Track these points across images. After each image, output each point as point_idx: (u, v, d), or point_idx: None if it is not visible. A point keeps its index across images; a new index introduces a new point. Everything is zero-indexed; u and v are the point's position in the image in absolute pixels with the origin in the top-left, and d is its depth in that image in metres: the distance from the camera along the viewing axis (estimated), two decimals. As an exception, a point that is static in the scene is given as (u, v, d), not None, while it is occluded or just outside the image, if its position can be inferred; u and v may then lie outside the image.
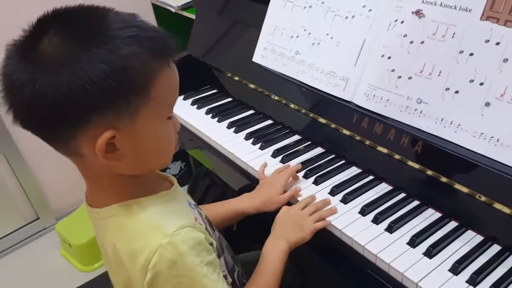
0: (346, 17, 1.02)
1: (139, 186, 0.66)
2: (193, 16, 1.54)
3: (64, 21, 0.56)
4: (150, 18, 1.81)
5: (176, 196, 0.72)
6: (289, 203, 0.94)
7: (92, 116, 0.55)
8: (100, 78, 0.52)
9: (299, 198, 0.94)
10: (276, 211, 0.92)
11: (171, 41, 0.60)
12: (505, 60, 0.76)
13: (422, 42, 0.87)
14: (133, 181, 0.65)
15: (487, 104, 0.78)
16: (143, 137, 0.60)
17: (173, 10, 1.64)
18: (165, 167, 0.70)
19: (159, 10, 1.77)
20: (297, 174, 1.01)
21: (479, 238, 0.81)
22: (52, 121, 0.56)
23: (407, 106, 0.89)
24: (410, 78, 0.89)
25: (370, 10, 0.97)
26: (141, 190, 0.66)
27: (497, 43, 0.77)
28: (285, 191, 0.95)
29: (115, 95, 0.55)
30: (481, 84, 0.79)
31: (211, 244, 0.69)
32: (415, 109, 0.88)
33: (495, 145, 0.76)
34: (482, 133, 0.78)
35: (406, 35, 0.90)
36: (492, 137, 0.77)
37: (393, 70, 0.92)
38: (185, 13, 1.61)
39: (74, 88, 0.52)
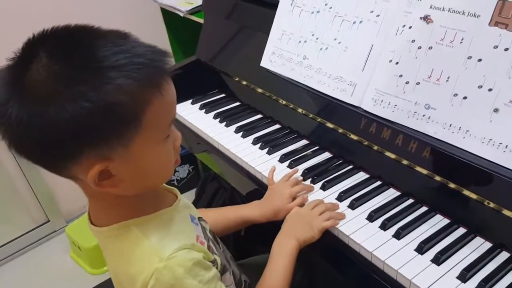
0: (354, 22, 1.02)
1: (141, 204, 0.65)
2: (201, 21, 1.54)
3: (50, 51, 0.53)
4: (159, 22, 1.82)
5: (178, 212, 0.71)
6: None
7: (82, 149, 0.54)
8: (83, 116, 0.51)
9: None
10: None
11: (164, 62, 0.58)
12: (514, 66, 0.75)
13: (430, 48, 0.87)
14: (135, 200, 0.64)
15: (496, 110, 0.77)
16: (140, 161, 0.59)
17: (181, 14, 1.65)
18: (166, 181, 0.70)
19: (168, 15, 1.78)
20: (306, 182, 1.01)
21: (488, 245, 0.80)
22: (42, 155, 0.55)
23: (415, 112, 0.89)
24: (418, 83, 0.89)
25: (378, 15, 0.97)
26: (143, 208, 0.65)
27: (506, 49, 0.76)
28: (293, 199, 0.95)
29: (103, 131, 0.53)
30: (490, 90, 0.78)
31: (213, 261, 0.69)
32: (423, 115, 0.88)
33: (504, 151, 0.76)
34: (490, 139, 0.78)
35: (414, 40, 0.90)
36: (500, 143, 0.76)
37: (401, 76, 0.92)
38: (193, 18, 1.62)
39: (61, 126, 0.51)
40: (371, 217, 0.88)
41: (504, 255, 0.78)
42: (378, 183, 0.99)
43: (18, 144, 0.55)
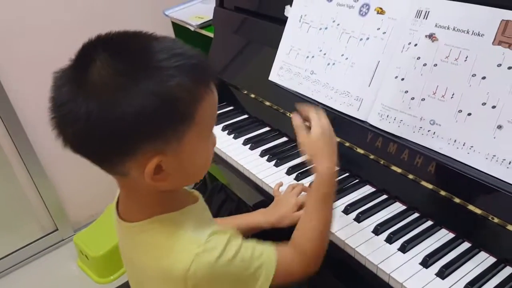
0: (361, 39, 1.04)
1: (172, 201, 0.69)
2: (211, 35, 1.57)
3: (110, 50, 0.57)
4: (170, 36, 1.86)
5: (203, 207, 0.76)
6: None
7: (141, 144, 0.58)
8: (151, 109, 0.55)
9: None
10: (290, 226, 0.93)
11: (211, 65, 0.64)
12: (517, 84, 0.77)
13: (435, 65, 0.89)
14: (168, 197, 0.68)
15: (499, 127, 0.79)
16: (188, 158, 0.63)
17: (192, 28, 1.68)
18: (195, 182, 0.74)
19: (178, 29, 1.81)
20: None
21: (492, 260, 0.81)
22: (103, 151, 0.59)
23: (421, 127, 0.91)
24: (423, 99, 0.91)
25: (384, 32, 0.99)
26: (174, 205, 0.69)
27: (509, 67, 0.78)
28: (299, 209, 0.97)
29: (164, 125, 0.58)
30: (493, 107, 0.80)
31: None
32: (428, 130, 0.90)
33: (507, 167, 0.77)
34: (494, 155, 0.79)
35: (419, 57, 0.92)
36: (504, 159, 0.78)
37: (406, 92, 0.93)
38: (203, 32, 1.65)
39: (127, 120, 0.55)
40: (377, 231, 0.90)
41: (508, 270, 0.79)
42: (384, 196, 1.00)
43: (79, 141, 0.58)
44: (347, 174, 1.08)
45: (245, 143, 1.26)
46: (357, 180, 1.06)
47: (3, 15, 1.66)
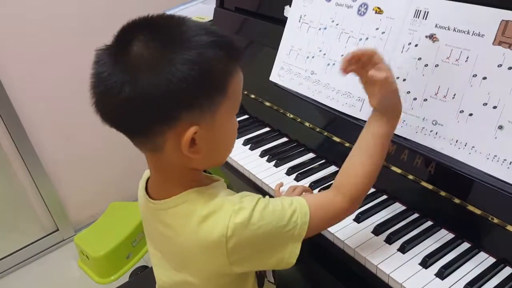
0: (360, 39, 1.04)
1: (199, 179, 0.73)
2: (211, 35, 1.57)
3: (150, 27, 0.62)
4: (170, 36, 1.86)
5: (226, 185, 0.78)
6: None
7: (182, 113, 0.61)
8: (193, 77, 0.59)
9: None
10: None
11: (240, 46, 0.67)
12: (518, 84, 0.77)
13: (437, 66, 0.89)
14: (196, 175, 0.72)
15: (500, 127, 0.79)
16: (218, 133, 0.67)
17: (192, 29, 1.68)
18: (221, 164, 0.76)
19: (179, 29, 1.81)
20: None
21: (491, 260, 0.81)
22: (147, 119, 0.62)
23: (423, 127, 0.91)
24: (425, 100, 0.91)
25: (383, 32, 0.99)
26: (203, 181, 0.73)
27: (510, 68, 0.78)
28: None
29: (202, 94, 0.62)
30: (494, 107, 0.80)
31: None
32: (431, 131, 0.89)
33: (508, 167, 0.77)
34: (495, 156, 0.79)
35: (420, 58, 0.91)
36: (505, 159, 0.78)
37: (408, 92, 0.93)
38: (204, 32, 1.65)
39: (172, 87, 0.59)
40: (376, 231, 0.90)
41: (507, 271, 0.79)
42: (384, 197, 1.00)
43: (123, 111, 0.61)
44: (347, 174, 1.08)
45: (245, 143, 1.26)
46: (357, 181, 1.05)
47: (4, 15, 1.66)
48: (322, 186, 1.04)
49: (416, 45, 0.93)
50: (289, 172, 1.11)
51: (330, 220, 0.77)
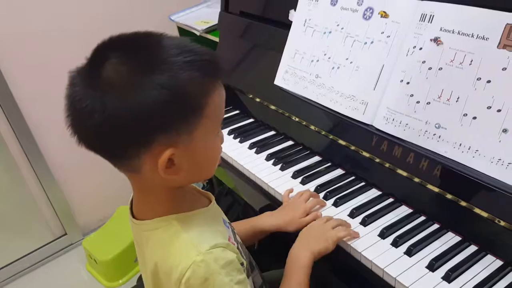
0: (365, 43, 1.04)
1: (183, 201, 0.72)
2: (217, 39, 1.58)
3: (124, 48, 0.61)
4: (175, 40, 1.87)
5: (214, 212, 0.77)
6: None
7: (155, 136, 0.60)
8: (164, 102, 0.58)
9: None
10: (296, 231, 0.94)
11: (220, 61, 0.65)
12: (523, 87, 0.77)
13: (440, 69, 0.89)
14: (179, 197, 0.71)
15: (505, 130, 0.79)
16: (198, 151, 0.65)
17: (197, 33, 1.69)
18: (208, 178, 0.75)
19: (184, 34, 1.82)
20: (320, 198, 1.03)
21: (499, 263, 0.81)
22: (120, 143, 0.61)
23: (426, 131, 0.91)
24: (428, 103, 0.91)
25: (389, 36, 0.99)
26: (184, 205, 0.71)
27: (515, 71, 0.78)
28: (306, 214, 0.97)
29: (176, 116, 0.60)
30: (499, 110, 0.80)
31: (242, 264, 0.72)
32: (434, 134, 0.90)
33: (513, 171, 0.77)
34: (499, 159, 0.79)
35: (424, 61, 0.92)
36: (509, 163, 0.78)
37: (411, 95, 0.94)
38: (209, 36, 1.66)
39: (143, 112, 0.58)
40: (383, 234, 0.90)
41: (515, 273, 0.79)
42: (390, 200, 1.00)
43: (95, 137, 0.61)
44: (352, 177, 1.08)
45: (250, 147, 1.26)
46: (363, 184, 1.06)
47: (11, 19, 1.68)
48: (328, 189, 1.05)
49: (420, 49, 0.93)
50: (295, 176, 1.12)
51: None
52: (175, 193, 0.70)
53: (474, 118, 0.83)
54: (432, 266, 0.81)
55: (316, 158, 1.18)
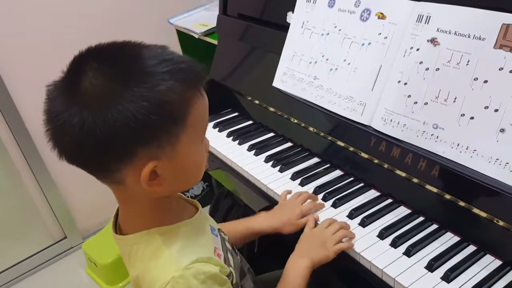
0: (363, 44, 1.05)
1: (167, 213, 0.70)
2: (215, 42, 1.59)
3: (100, 60, 0.59)
4: (175, 43, 1.88)
5: (200, 222, 0.75)
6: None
7: (137, 149, 0.59)
8: (143, 114, 0.56)
9: (318, 222, 0.96)
10: (294, 233, 0.94)
11: (200, 69, 0.64)
12: (519, 87, 0.78)
13: (438, 69, 0.89)
14: (163, 208, 0.69)
15: (502, 130, 0.79)
16: (182, 161, 0.64)
17: (196, 36, 1.70)
18: (195, 185, 0.73)
19: (183, 36, 1.83)
20: (319, 200, 1.03)
21: (498, 263, 0.81)
22: (99, 157, 0.60)
23: (424, 131, 0.91)
24: (426, 103, 0.91)
25: (386, 37, 1.00)
26: (169, 216, 0.70)
27: (511, 71, 0.78)
28: (303, 216, 0.97)
29: (157, 129, 0.59)
30: (496, 110, 0.80)
31: (229, 274, 0.72)
32: (432, 134, 0.90)
33: (510, 170, 0.77)
34: (497, 159, 0.79)
35: (422, 62, 0.92)
36: (507, 162, 0.78)
37: (409, 96, 0.94)
38: (207, 39, 1.67)
39: (120, 126, 0.56)
40: (382, 235, 0.90)
41: (513, 273, 0.79)
42: (389, 200, 1.00)
43: (75, 150, 0.60)
44: (351, 178, 1.09)
45: (249, 149, 1.26)
46: (361, 185, 1.06)
47: (11, 27, 1.68)
48: (327, 191, 1.05)
49: (417, 49, 0.93)
50: (293, 177, 1.12)
51: None
52: (160, 204, 0.68)
53: (472, 118, 0.84)
54: (431, 266, 0.81)
55: (315, 160, 1.19)
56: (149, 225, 0.68)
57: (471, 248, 0.85)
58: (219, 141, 1.32)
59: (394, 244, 0.87)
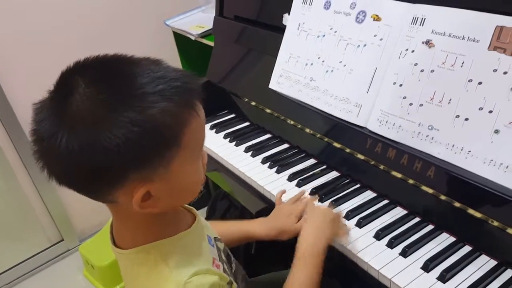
0: (358, 46, 1.05)
1: (164, 226, 0.68)
2: (212, 44, 1.59)
3: (88, 81, 0.55)
4: (171, 45, 1.88)
5: (196, 234, 0.73)
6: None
7: (127, 174, 0.56)
8: (134, 140, 0.53)
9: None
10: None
11: (197, 85, 0.60)
12: (513, 88, 0.78)
13: (432, 71, 0.90)
14: (160, 222, 0.67)
15: (496, 131, 0.80)
16: (177, 182, 0.61)
17: (192, 38, 1.70)
18: (191, 201, 0.71)
19: (179, 38, 1.83)
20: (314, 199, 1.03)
21: (493, 263, 0.82)
22: (88, 181, 0.57)
23: (419, 133, 0.92)
24: (421, 105, 0.92)
25: (381, 39, 1.00)
26: (166, 228, 0.68)
27: (505, 72, 0.79)
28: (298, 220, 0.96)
29: (149, 153, 0.56)
30: (490, 112, 0.81)
31: (229, 282, 0.71)
32: (427, 135, 0.90)
33: (505, 171, 0.78)
34: (492, 160, 0.80)
35: (417, 63, 0.93)
36: (501, 163, 0.79)
37: (404, 97, 0.94)
38: (204, 41, 1.67)
39: (110, 153, 0.53)
40: (378, 236, 0.90)
41: (509, 273, 0.80)
42: (385, 201, 1.01)
43: (64, 173, 0.57)
44: (348, 180, 1.09)
45: (246, 150, 1.27)
46: (358, 186, 1.06)
47: (8, 28, 1.68)
48: (323, 192, 1.05)
49: (412, 51, 0.94)
50: (290, 179, 1.12)
51: None
52: (156, 219, 0.66)
53: (466, 119, 0.84)
54: (427, 266, 0.82)
55: (312, 161, 1.19)
56: (145, 240, 0.66)
57: (467, 249, 0.86)
58: (216, 143, 1.33)
59: (391, 244, 0.88)
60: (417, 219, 0.94)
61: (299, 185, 1.10)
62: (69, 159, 0.54)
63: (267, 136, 1.33)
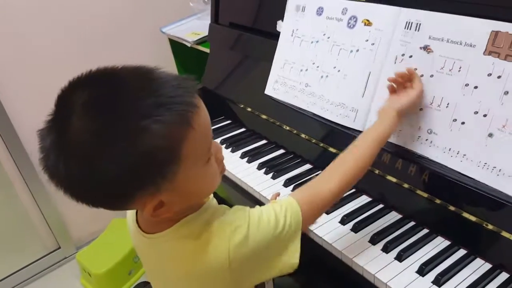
0: (351, 51, 1.06)
1: (191, 205, 0.69)
2: (207, 50, 1.60)
3: (86, 105, 0.55)
4: (167, 52, 1.88)
5: (215, 203, 0.75)
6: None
7: (134, 193, 0.58)
8: (129, 169, 0.55)
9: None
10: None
11: (191, 94, 0.59)
12: (506, 92, 0.79)
13: (432, 76, 0.90)
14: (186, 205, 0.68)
15: (490, 135, 0.80)
16: (186, 188, 0.62)
17: (188, 44, 1.71)
18: (212, 192, 0.72)
19: (175, 45, 1.84)
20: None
21: (488, 266, 0.82)
22: (96, 202, 0.60)
23: (419, 136, 0.92)
24: (421, 109, 0.92)
25: (373, 43, 1.01)
26: (192, 207, 0.69)
27: (499, 77, 0.80)
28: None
29: (149, 176, 0.57)
30: (485, 115, 0.81)
31: None
32: (426, 139, 0.91)
33: (497, 175, 0.78)
34: (485, 163, 0.80)
35: (416, 68, 0.92)
36: (494, 167, 0.79)
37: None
38: (200, 48, 1.68)
39: (110, 180, 0.55)
40: (373, 240, 0.91)
41: (503, 276, 0.80)
42: (380, 206, 1.01)
43: (72, 194, 0.59)
44: (343, 184, 1.09)
45: (242, 156, 1.27)
46: (353, 190, 1.06)
47: (10, 48, 1.70)
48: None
49: (410, 56, 0.94)
50: (286, 184, 1.12)
51: (321, 210, 0.78)
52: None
53: (463, 123, 0.85)
54: (422, 270, 0.82)
55: (308, 166, 1.19)
56: (177, 219, 0.67)
57: (462, 252, 0.86)
58: (212, 149, 1.33)
59: (386, 249, 0.88)
60: (412, 223, 0.95)
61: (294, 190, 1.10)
62: (73, 186, 0.58)
63: (263, 142, 1.34)
